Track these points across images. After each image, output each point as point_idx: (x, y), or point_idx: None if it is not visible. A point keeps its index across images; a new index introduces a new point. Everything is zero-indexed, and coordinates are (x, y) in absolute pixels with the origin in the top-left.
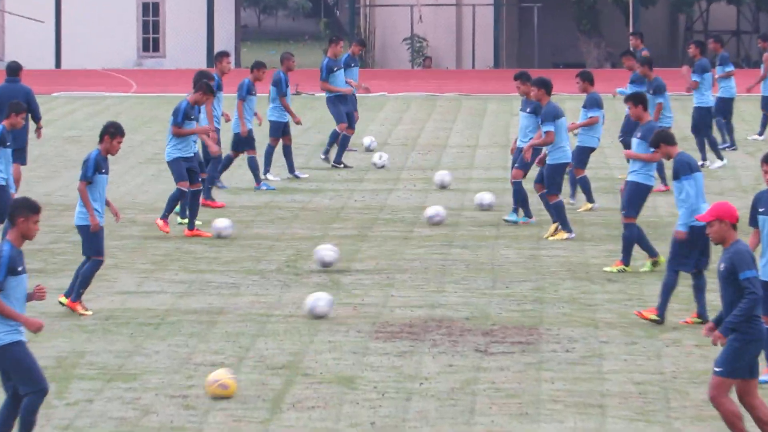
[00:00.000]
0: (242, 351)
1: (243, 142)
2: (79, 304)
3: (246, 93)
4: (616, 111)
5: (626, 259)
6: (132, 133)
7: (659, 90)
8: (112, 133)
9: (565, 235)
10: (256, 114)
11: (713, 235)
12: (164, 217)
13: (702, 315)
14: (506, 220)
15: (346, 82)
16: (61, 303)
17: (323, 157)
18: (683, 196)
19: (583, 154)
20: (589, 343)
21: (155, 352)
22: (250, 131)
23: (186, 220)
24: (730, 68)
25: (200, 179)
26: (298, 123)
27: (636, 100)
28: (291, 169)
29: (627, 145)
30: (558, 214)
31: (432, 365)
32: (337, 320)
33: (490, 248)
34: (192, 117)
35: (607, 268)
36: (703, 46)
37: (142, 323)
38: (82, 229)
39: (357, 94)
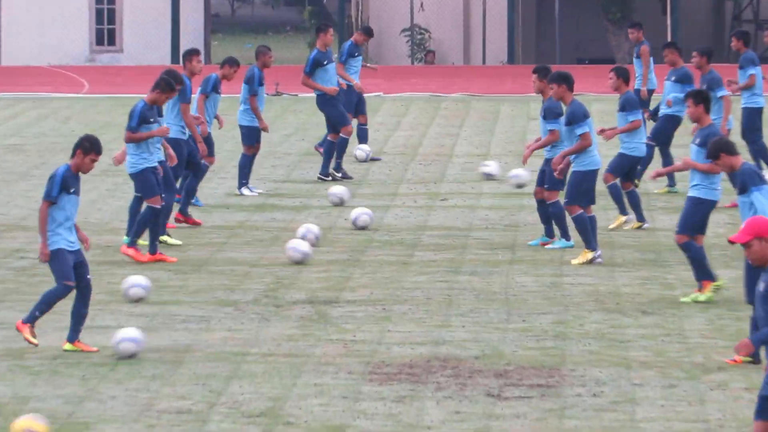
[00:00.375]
0: (213, 396)
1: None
2: (28, 328)
3: (211, 89)
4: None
5: (708, 275)
6: None
7: (715, 84)
8: (87, 148)
9: (591, 255)
10: (217, 116)
11: (752, 256)
12: (132, 244)
13: (757, 355)
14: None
15: (340, 76)
16: (66, 350)
17: (339, 175)
18: (754, 211)
19: (625, 164)
20: (619, 386)
21: (111, 397)
22: (208, 135)
23: (167, 239)
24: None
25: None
26: (263, 129)
27: (697, 98)
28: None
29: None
30: (581, 229)
31: (436, 412)
32: (324, 359)
33: (503, 275)
34: (151, 120)
35: (686, 299)
36: (747, 36)
37: (96, 363)
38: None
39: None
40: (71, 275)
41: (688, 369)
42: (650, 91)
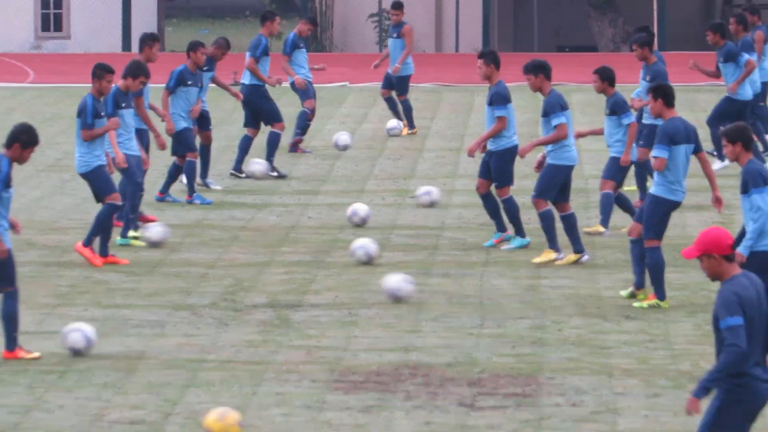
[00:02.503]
0: (168, 405)
1: (179, 144)
2: (19, 350)
3: (175, 84)
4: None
5: (659, 292)
6: None
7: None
8: (25, 142)
9: (553, 255)
10: (192, 110)
11: (706, 272)
12: (88, 244)
13: None
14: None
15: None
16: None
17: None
18: (755, 213)
19: (621, 168)
20: (601, 395)
21: (59, 406)
22: (186, 129)
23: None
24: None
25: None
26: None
27: (657, 91)
28: (203, 173)
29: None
30: (546, 226)
31: (405, 423)
32: (286, 367)
33: (477, 277)
34: (102, 114)
35: (637, 304)
36: (746, 20)
37: (44, 371)
38: None
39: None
40: (15, 278)
41: (674, 377)
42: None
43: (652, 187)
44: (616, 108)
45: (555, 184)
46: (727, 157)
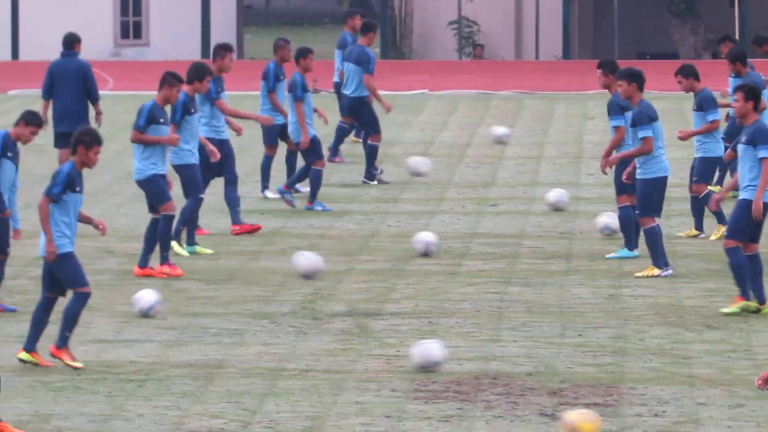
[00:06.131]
0: (247, 414)
1: (307, 152)
2: (65, 352)
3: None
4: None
5: (745, 293)
6: (108, 141)
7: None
8: (88, 142)
9: (657, 272)
10: (316, 110)
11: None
12: (165, 261)
13: None
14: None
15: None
16: (21, 360)
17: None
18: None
19: (709, 167)
20: (683, 405)
21: (138, 415)
22: (313, 138)
23: (183, 250)
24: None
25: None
26: (266, 123)
27: (748, 93)
28: (291, 182)
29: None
30: (651, 243)
31: None
32: (366, 376)
33: (558, 286)
34: (161, 120)
35: (725, 309)
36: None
37: (123, 379)
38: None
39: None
40: (86, 280)
41: (757, 387)
42: None
43: (744, 191)
44: (703, 103)
45: (655, 198)
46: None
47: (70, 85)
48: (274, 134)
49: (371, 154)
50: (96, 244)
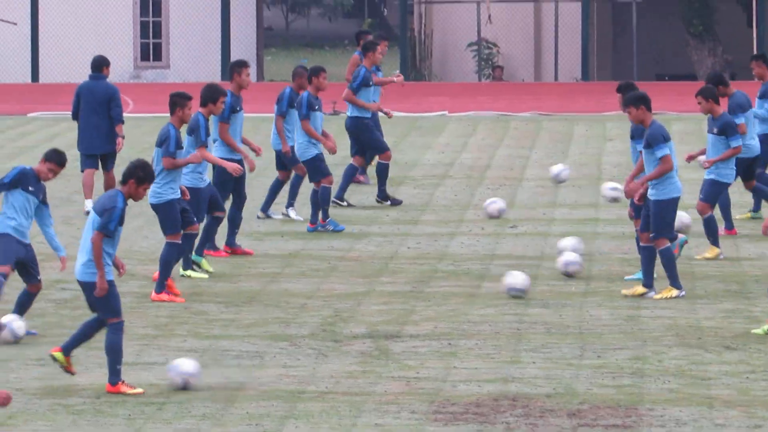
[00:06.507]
0: None
1: (312, 171)
2: (122, 384)
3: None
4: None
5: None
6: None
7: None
8: (141, 178)
9: (675, 292)
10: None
11: None
12: (160, 290)
13: None
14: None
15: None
16: (53, 357)
17: (378, 199)
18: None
19: (718, 191)
20: (701, 426)
21: None
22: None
23: (190, 273)
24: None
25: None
26: (286, 153)
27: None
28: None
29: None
30: (667, 264)
31: None
32: (386, 398)
33: (577, 307)
34: (182, 144)
35: (758, 330)
36: None
37: (143, 402)
38: (89, 287)
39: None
40: (121, 309)
41: None
42: None
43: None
44: (727, 129)
45: (670, 219)
46: None
47: (97, 108)
48: (279, 160)
49: (382, 172)
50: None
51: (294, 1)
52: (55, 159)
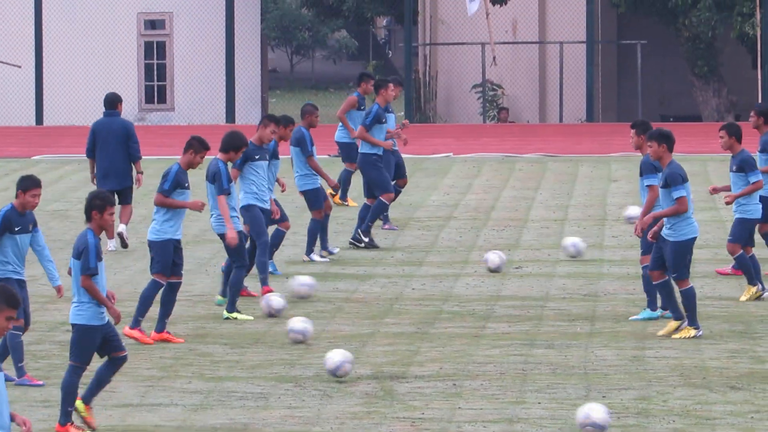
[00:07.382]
0: None
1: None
2: (70, 426)
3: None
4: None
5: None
6: (134, 206)
7: None
8: (100, 205)
9: (693, 332)
10: (277, 180)
11: None
12: (135, 326)
13: None
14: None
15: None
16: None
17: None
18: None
19: (746, 228)
20: None
21: None
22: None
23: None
24: None
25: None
26: (335, 188)
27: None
28: (324, 244)
29: None
30: (688, 304)
31: None
32: None
33: (582, 348)
34: (185, 185)
35: None
36: None
37: None
38: (76, 328)
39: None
40: (88, 360)
41: None
42: None
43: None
44: (744, 165)
45: (687, 260)
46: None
47: (113, 144)
48: (317, 199)
49: (377, 208)
50: (121, 308)
51: (298, 43)
52: (32, 184)
